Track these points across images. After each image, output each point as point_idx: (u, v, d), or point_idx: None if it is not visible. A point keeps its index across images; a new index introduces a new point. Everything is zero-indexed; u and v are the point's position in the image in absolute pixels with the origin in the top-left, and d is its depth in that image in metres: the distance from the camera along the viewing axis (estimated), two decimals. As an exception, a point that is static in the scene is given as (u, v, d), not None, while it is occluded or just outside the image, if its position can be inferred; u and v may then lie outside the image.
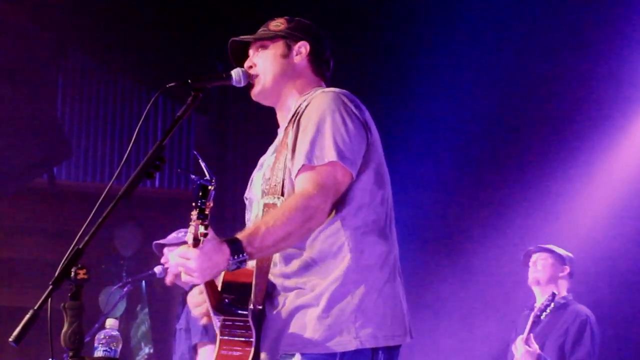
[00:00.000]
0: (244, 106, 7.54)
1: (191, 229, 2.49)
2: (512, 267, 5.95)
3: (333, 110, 2.74)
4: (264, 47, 2.96)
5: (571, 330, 5.28)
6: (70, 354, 2.39)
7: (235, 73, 2.86)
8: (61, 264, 2.38)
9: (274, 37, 2.97)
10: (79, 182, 8.28)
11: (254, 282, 2.68)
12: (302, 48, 2.96)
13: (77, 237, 2.41)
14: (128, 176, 2.56)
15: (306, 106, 2.80)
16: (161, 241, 5.08)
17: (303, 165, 2.67)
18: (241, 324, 2.68)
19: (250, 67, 2.95)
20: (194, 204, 2.49)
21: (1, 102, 7.19)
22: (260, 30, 3.01)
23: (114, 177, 2.64)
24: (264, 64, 2.94)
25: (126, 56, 7.66)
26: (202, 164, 2.67)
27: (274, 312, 2.72)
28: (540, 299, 5.38)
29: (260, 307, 2.69)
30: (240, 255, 2.49)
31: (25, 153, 7.42)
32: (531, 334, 5.14)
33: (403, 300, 2.79)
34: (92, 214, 2.46)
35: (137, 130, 2.77)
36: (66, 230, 7.83)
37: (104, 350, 2.57)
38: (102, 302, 8.12)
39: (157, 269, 5.14)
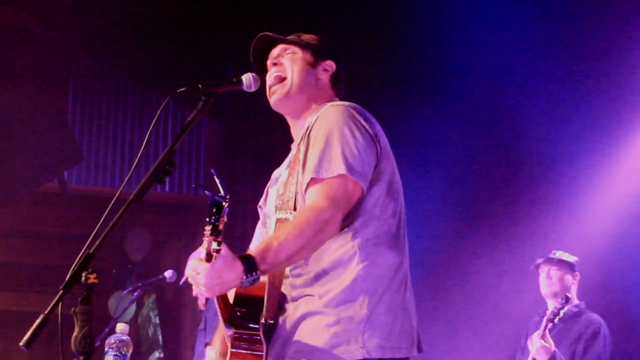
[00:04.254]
0: (254, 111, 7.55)
1: (204, 244, 2.47)
2: (521, 275, 5.93)
3: (342, 123, 2.74)
4: (294, 52, 2.97)
5: (583, 338, 5.27)
6: (81, 358, 2.38)
7: (246, 78, 2.84)
8: (72, 268, 2.38)
9: (305, 47, 2.99)
10: (89, 186, 8.28)
11: (266, 297, 2.67)
12: (329, 67, 3.00)
13: (88, 241, 2.41)
14: (138, 181, 2.56)
15: (315, 120, 2.81)
16: (184, 279, 5.06)
17: (312, 178, 2.67)
18: (252, 337, 2.67)
19: (275, 64, 2.95)
20: (207, 219, 2.48)
21: (14, 108, 7.21)
22: (292, 35, 3.03)
23: (125, 182, 2.64)
24: (291, 66, 2.94)
25: (136, 62, 7.67)
26: (217, 180, 2.66)
27: (282, 319, 2.72)
28: (552, 306, 5.37)
29: (272, 322, 2.68)
30: (254, 274, 2.48)
31: (37, 158, 7.43)
32: (547, 331, 5.14)
33: (413, 312, 2.77)
34: (102, 219, 2.46)
35: (147, 135, 2.77)
36: (77, 234, 7.85)
37: (114, 355, 2.56)
38: (112, 307, 8.14)
39: (168, 274, 5.13)
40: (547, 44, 6.36)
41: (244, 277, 2.46)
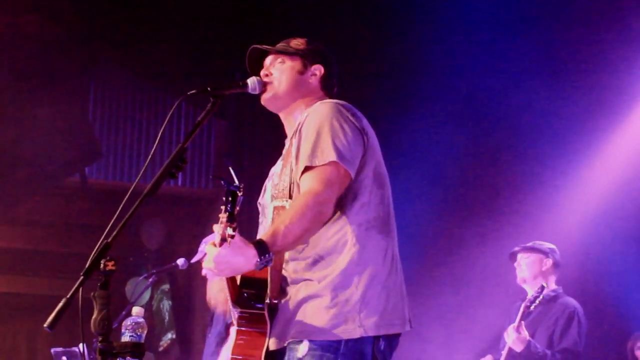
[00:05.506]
0: (259, 112, 7.53)
1: (219, 230, 2.50)
2: (506, 262, 5.91)
3: (331, 117, 2.75)
4: (282, 61, 2.97)
5: (560, 321, 5.24)
6: (100, 338, 2.39)
7: (251, 81, 2.87)
8: (91, 256, 2.38)
9: (293, 54, 2.97)
10: (108, 180, 8.29)
11: (269, 279, 2.68)
12: (317, 71, 2.99)
13: (106, 231, 2.41)
14: (153, 175, 2.56)
15: (306, 116, 2.82)
16: (194, 259, 5.04)
17: (306, 167, 2.68)
18: (257, 316, 2.69)
19: (267, 75, 2.95)
20: (223, 207, 2.50)
21: (39, 108, 7.22)
22: (280, 44, 3.02)
23: (140, 176, 2.64)
24: (280, 75, 2.94)
25: (152, 66, 7.68)
26: (232, 171, 2.67)
27: (284, 301, 2.73)
28: (530, 292, 5.35)
29: (276, 302, 2.69)
30: (267, 255, 2.51)
31: (60, 154, 7.44)
32: (522, 322, 5.12)
33: (403, 291, 2.79)
34: (119, 210, 2.46)
35: (161, 133, 2.77)
36: (96, 225, 7.84)
37: (130, 336, 2.57)
38: (128, 292, 8.14)
39: (180, 261, 5.13)
40: (528, 38, 6.22)
41: (258, 259, 2.49)
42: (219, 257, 2.48)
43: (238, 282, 2.73)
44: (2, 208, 7.85)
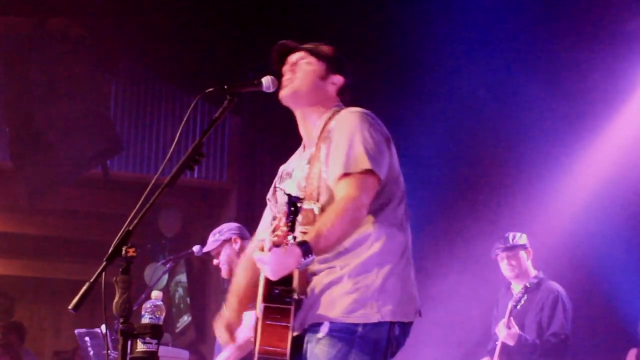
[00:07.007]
0: (272, 109, 7.53)
1: (270, 238, 2.50)
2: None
3: (362, 127, 2.78)
4: (310, 62, 2.96)
5: (546, 307, 5.24)
6: (121, 320, 2.40)
7: (265, 80, 2.84)
8: (114, 243, 2.39)
9: (321, 58, 2.96)
10: (129, 173, 8.29)
11: (298, 275, 2.68)
12: (337, 80, 2.98)
13: (128, 220, 2.41)
14: (171, 168, 2.56)
15: (334, 124, 2.84)
16: (205, 249, 5.03)
17: (343, 174, 2.71)
18: (283, 310, 2.68)
19: (291, 70, 2.94)
20: (284, 216, 2.52)
21: (64, 105, 7.23)
22: (310, 44, 3.00)
23: (160, 170, 2.64)
24: (303, 75, 2.93)
25: (170, 65, 7.68)
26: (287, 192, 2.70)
27: (308, 289, 2.74)
28: (517, 287, 5.33)
29: (303, 297, 2.71)
30: (310, 256, 2.53)
31: (83, 148, 7.45)
32: (511, 318, 5.13)
33: (415, 283, 2.84)
34: (140, 201, 2.46)
35: (180, 129, 2.77)
36: (118, 214, 7.86)
37: (149, 318, 2.56)
38: (147, 276, 8.16)
39: (195, 248, 5.13)
40: (519, 35, 6.17)
41: (302, 259, 2.51)
42: (276, 260, 2.48)
43: (266, 279, 2.70)
44: (30, 199, 7.87)
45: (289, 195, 2.55)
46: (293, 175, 2.93)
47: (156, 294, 2.76)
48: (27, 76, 7.24)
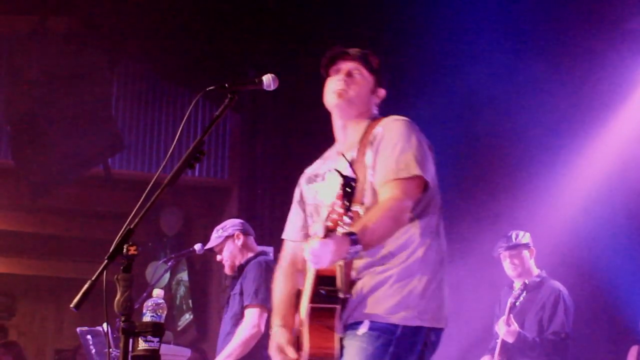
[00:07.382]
0: (272, 107, 7.53)
1: (323, 224, 2.51)
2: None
3: (409, 134, 2.88)
4: (364, 76, 3.02)
5: (547, 306, 5.24)
6: (123, 318, 2.39)
7: (266, 78, 2.82)
8: (115, 241, 2.39)
9: (372, 72, 3.03)
10: (130, 171, 8.29)
11: (342, 274, 2.72)
12: (382, 94, 3.08)
13: (129, 219, 2.41)
14: (172, 166, 2.56)
15: (381, 130, 2.90)
16: (208, 245, 5.03)
17: (393, 179, 2.78)
18: (328, 311, 2.70)
19: (348, 80, 2.98)
20: (338, 199, 2.50)
21: (65, 102, 7.24)
22: (362, 52, 3.05)
23: (161, 168, 2.64)
24: (359, 89, 2.99)
25: (172, 63, 7.69)
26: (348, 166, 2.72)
27: (353, 291, 2.78)
28: (518, 284, 5.33)
29: (349, 296, 2.76)
30: (357, 246, 2.57)
31: (85, 146, 7.45)
32: (511, 315, 5.13)
33: (448, 291, 2.91)
34: (141, 199, 2.46)
35: (180, 127, 2.78)
36: (119, 212, 7.85)
37: (151, 316, 2.57)
38: (149, 275, 8.15)
39: (197, 247, 5.13)
40: (519, 31, 6.16)
41: (350, 248, 2.55)
42: (326, 248, 2.51)
43: (312, 280, 2.72)
44: (32, 197, 7.88)
45: (345, 177, 2.54)
46: (327, 178, 2.96)
47: (157, 292, 2.76)
48: (27, 75, 7.24)
